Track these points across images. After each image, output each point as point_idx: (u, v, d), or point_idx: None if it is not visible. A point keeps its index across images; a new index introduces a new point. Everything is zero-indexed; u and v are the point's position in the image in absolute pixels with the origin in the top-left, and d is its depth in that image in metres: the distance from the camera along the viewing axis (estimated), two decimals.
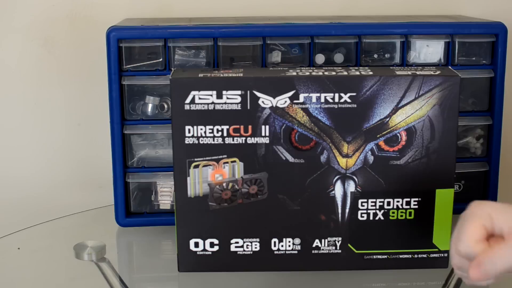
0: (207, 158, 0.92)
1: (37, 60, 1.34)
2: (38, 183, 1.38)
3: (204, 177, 0.92)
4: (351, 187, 0.94)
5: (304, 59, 1.12)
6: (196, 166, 0.91)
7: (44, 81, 1.34)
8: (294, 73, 0.91)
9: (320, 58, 1.13)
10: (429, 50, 1.13)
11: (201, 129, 0.91)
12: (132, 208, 1.16)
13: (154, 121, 1.13)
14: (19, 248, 1.10)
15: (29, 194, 1.37)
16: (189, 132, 0.91)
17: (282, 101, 0.90)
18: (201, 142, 0.91)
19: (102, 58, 1.13)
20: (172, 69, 1.07)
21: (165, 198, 1.15)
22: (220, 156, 0.91)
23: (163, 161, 1.15)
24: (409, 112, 0.92)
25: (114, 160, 1.13)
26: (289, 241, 0.95)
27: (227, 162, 0.91)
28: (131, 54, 1.11)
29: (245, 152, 0.92)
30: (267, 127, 0.91)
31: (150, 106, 1.13)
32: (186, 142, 0.91)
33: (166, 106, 1.13)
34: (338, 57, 1.13)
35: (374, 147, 0.93)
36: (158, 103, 1.13)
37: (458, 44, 1.13)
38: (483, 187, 1.19)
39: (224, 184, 0.92)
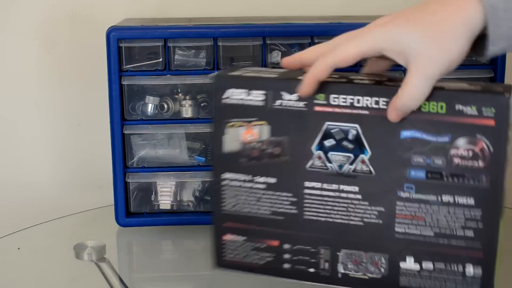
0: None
1: (37, 60, 1.34)
2: (38, 183, 1.38)
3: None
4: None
5: None
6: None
7: (44, 81, 1.34)
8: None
9: None
10: None
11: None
12: (132, 208, 1.16)
13: (154, 121, 1.13)
14: (19, 248, 1.10)
15: (29, 194, 1.37)
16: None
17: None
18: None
19: (102, 58, 1.13)
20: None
21: (165, 198, 1.15)
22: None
23: (163, 161, 1.15)
24: None
25: (114, 160, 1.13)
26: None
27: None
28: (131, 54, 1.11)
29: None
30: None
31: (150, 106, 1.13)
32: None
33: (166, 106, 1.13)
34: None
35: None
36: (158, 103, 1.13)
37: None
38: None
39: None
